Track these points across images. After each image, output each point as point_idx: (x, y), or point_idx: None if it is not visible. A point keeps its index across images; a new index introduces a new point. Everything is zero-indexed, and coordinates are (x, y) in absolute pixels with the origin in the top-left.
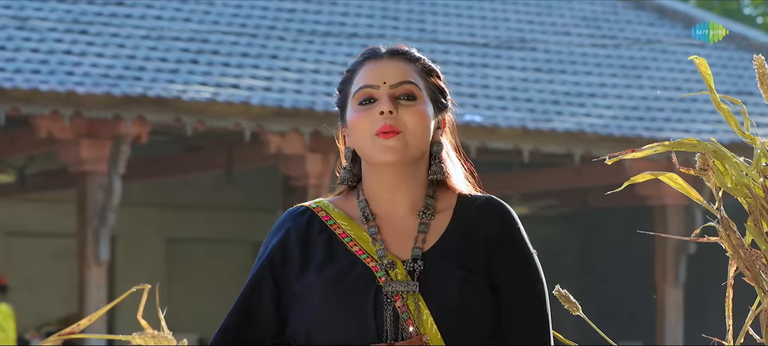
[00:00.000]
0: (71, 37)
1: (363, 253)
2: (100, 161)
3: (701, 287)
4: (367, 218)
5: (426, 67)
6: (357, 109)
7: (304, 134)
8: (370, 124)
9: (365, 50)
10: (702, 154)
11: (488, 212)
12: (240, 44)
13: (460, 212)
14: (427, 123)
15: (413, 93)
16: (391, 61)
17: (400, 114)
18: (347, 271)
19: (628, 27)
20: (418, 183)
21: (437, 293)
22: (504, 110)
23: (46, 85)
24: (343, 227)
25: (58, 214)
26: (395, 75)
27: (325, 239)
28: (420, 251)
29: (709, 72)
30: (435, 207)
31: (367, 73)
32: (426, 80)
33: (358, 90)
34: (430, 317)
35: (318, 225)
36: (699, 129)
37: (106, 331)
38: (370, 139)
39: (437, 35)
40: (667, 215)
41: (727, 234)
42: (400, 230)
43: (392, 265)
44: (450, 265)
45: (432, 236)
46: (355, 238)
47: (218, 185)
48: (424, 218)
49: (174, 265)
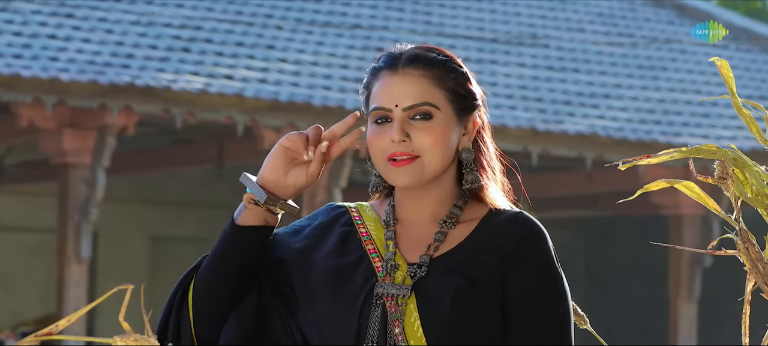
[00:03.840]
0: (56, 20)
1: (374, 252)
2: (84, 153)
3: (717, 302)
4: (388, 222)
5: (449, 70)
6: (373, 127)
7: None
8: (383, 147)
9: (383, 55)
10: (721, 161)
11: (511, 226)
12: (235, 33)
13: (485, 225)
14: (445, 141)
15: (429, 113)
16: (406, 75)
17: (415, 137)
18: (352, 266)
19: (646, 25)
20: (443, 193)
21: (431, 300)
22: (513, 110)
23: (29, 71)
24: (368, 227)
25: (38, 207)
26: (408, 96)
27: (344, 232)
28: (428, 258)
29: (730, 74)
30: (459, 217)
31: (381, 90)
32: (447, 88)
33: (372, 110)
34: (417, 321)
35: (345, 219)
36: (718, 135)
37: (85, 333)
38: (384, 164)
39: (444, 28)
40: (683, 225)
41: (745, 247)
42: (419, 237)
43: (396, 267)
44: (452, 274)
45: (447, 245)
46: (374, 238)
47: (208, 181)
48: (443, 227)
49: (159, 264)
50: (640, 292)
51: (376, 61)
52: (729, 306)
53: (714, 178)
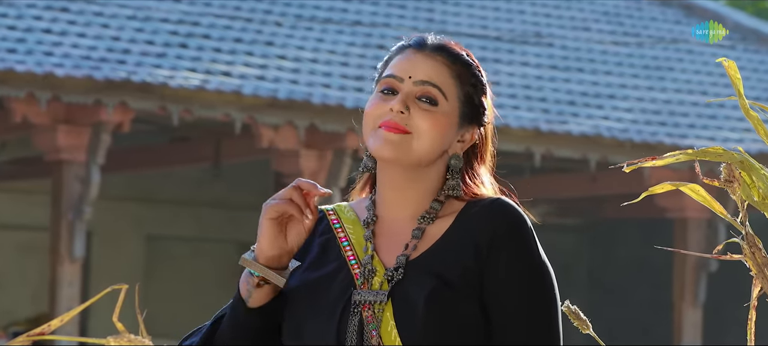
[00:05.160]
0: (51, 14)
1: (353, 258)
2: (78, 150)
3: (722, 307)
4: (368, 222)
5: (471, 75)
6: (377, 95)
7: (298, 128)
8: (379, 114)
9: (412, 37)
10: (727, 164)
11: (487, 215)
12: (233, 29)
13: (461, 218)
14: (441, 132)
15: (435, 98)
16: (429, 57)
17: (414, 115)
18: (331, 276)
19: (653, 25)
20: (426, 189)
21: (407, 304)
22: (516, 110)
23: (23, 66)
24: (347, 231)
25: (31, 205)
26: (424, 73)
27: (324, 241)
28: (404, 259)
29: (738, 76)
30: (438, 212)
31: (400, 62)
32: (463, 88)
33: (383, 77)
34: (394, 329)
35: (323, 227)
36: (725, 137)
37: (78, 333)
38: (373, 129)
39: (446, 26)
40: (688, 228)
41: (751, 251)
42: (398, 236)
43: (373, 272)
44: (427, 277)
45: (425, 244)
46: (354, 242)
47: (204, 180)
48: (421, 223)
49: (154, 264)
50: (644, 296)
51: (405, 41)
52: (734, 312)
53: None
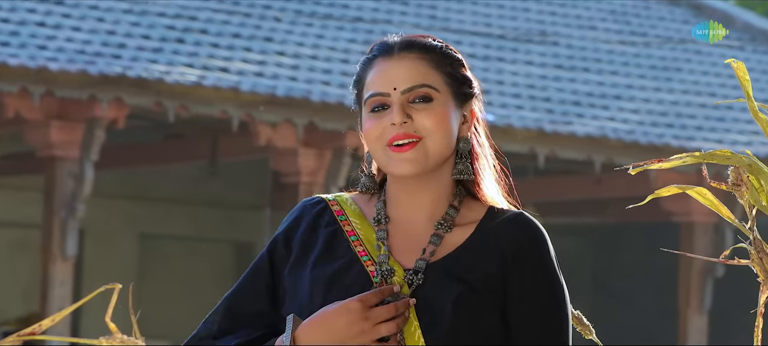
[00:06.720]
0: (45, 7)
1: (365, 255)
2: (72, 146)
3: (728, 313)
4: (380, 220)
5: (444, 56)
6: (369, 116)
7: (297, 126)
8: (382, 133)
9: (374, 45)
10: (735, 167)
11: (511, 228)
12: (231, 24)
13: (484, 227)
14: (447, 123)
15: (428, 95)
16: (402, 59)
17: (417, 119)
18: (343, 272)
19: (660, 24)
20: (442, 188)
21: (431, 308)
22: (519, 110)
23: (16, 60)
24: (354, 225)
25: (22, 202)
26: (406, 78)
27: (329, 233)
28: (424, 263)
29: (747, 77)
30: (456, 220)
31: (377, 77)
32: (445, 72)
33: (368, 97)
34: (418, 330)
35: (327, 218)
36: (733, 140)
37: (70, 333)
38: (384, 151)
39: (449, 23)
40: (694, 233)
41: (759, 257)
42: (413, 238)
43: (391, 272)
44: (451, 281)
45: (444, 249)
46: (363, 238)
47: (200, 178)
48: (439, 229)
49: (147, 263)
50: (649, 301)
51: (367, 53)
52: (741, 318)
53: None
